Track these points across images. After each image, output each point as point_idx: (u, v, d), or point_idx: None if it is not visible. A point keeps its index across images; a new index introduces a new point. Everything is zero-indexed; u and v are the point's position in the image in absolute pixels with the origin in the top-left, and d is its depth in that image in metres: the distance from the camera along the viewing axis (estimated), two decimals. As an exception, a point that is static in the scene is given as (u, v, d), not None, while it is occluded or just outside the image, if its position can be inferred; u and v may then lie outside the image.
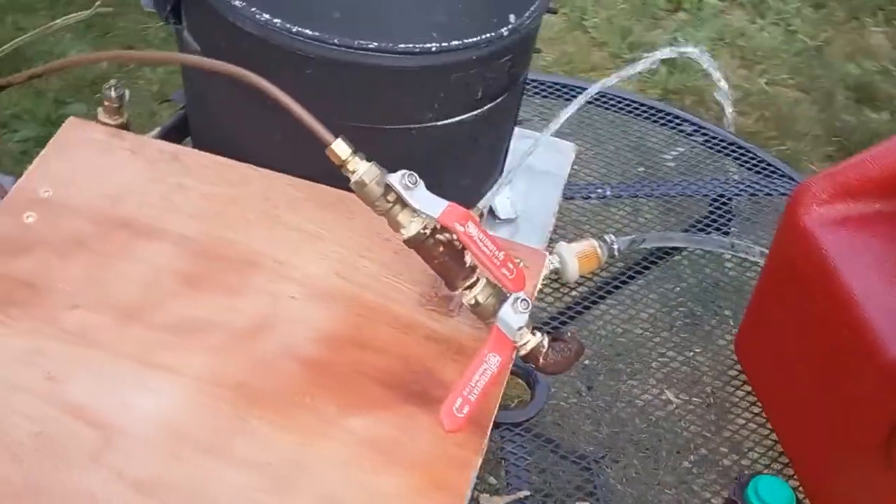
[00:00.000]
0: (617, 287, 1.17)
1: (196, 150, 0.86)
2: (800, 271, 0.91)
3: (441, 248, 0.70)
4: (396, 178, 0.68)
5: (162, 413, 0.67)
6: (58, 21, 0.87)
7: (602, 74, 2.44)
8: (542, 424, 1.06)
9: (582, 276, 1.15)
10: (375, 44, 0.73)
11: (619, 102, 1.38)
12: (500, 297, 0.71)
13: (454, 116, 0.82)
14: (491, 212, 1.15)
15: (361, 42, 0.73)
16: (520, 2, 0.79)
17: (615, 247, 1.14)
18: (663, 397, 1.11)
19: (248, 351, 0.71)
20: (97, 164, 0.83)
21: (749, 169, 1.32)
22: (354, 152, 0.68)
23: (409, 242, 0.70)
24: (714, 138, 1.35)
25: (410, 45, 0.73)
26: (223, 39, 0.79)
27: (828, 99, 2.39)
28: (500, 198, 1.16)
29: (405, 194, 0.68)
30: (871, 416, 0.82)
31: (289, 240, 0.79)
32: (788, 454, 0.98)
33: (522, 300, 0.70)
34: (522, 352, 0.72)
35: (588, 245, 1.13)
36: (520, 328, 0.70)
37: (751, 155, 1.32)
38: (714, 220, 1.25)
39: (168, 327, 0.72)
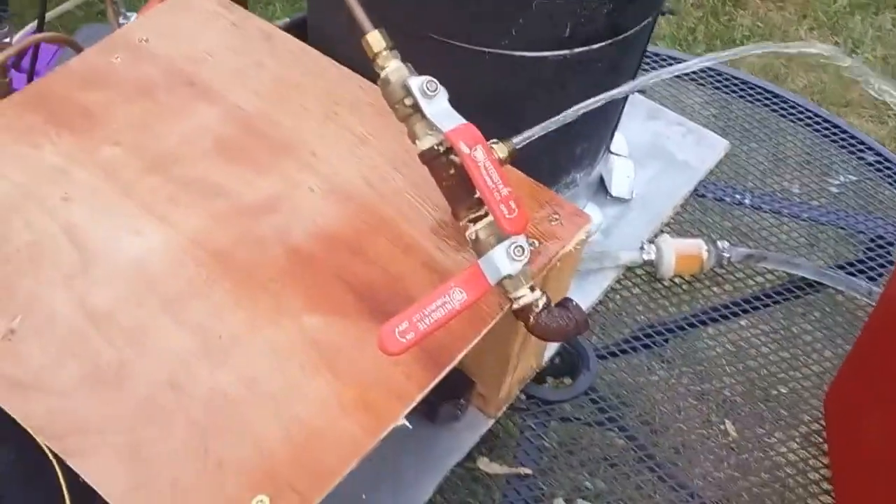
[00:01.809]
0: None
1: (291, 37, 0.86)
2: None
3: (452, 171, 0.66)
4: (417, 82, 0.64)
5: (142, 257, 0.68)
6: None
7: (856, 114, 2.23)
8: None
9: (680, 277, 1.06)
10: (449, -54, 0.69)
11: (801, 112, 1.25)
12: (502, 239, 0.66)
13: (535, 50, 0.76)
14: (603, 186, 1.08)
15: (436, -56, 0.69)
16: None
17: (725, 255, 1.03)
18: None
19: (244, 225, 0.71)
20: (197, 27, 0.85)
21: (930, 219, 1.15)
22: (390, 48, 0.65)
23: (422, 157, 0.67)
24: (898, 174, 1.18)
25: (488, -45, 0.69)
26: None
27: None
28: (618, 174, 1.09)
29: (422, 101, 0.64)
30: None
31: (334, 137, 0.77)
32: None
33: (518, 246, 0.64)
34: (515, 305, 0.67)
35: (694, 245, 1.03)
36: (509, 276, 0.65)
37: (935, 204, 1.15)
38: (864, 262, 1.10)
39: (183, 183, 0.73)
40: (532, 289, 0.67)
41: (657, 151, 1.14)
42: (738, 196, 1.14)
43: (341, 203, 0.73)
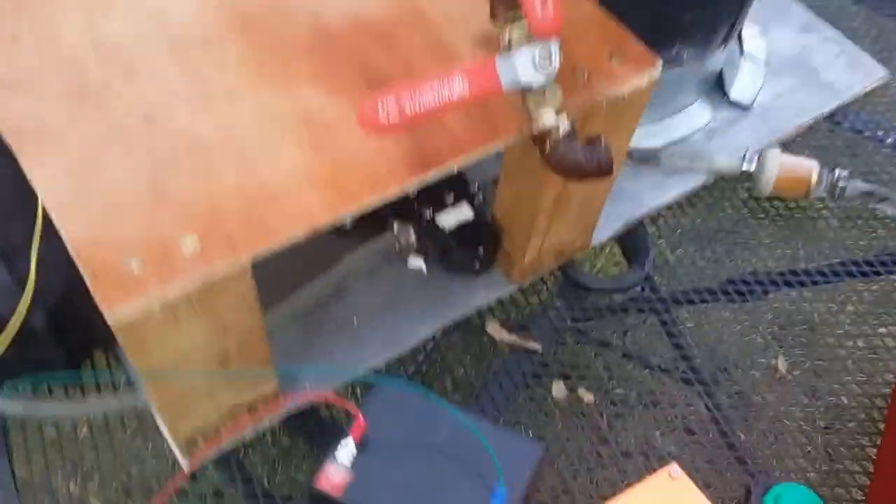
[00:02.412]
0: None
1: None
2: None
3: (496, -40, 0.59)
4: None
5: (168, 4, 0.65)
6: None
7: None
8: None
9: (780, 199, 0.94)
10: None
11: None
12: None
13: None
14: (721, 86, 0.97)
15: None
16: None
17: (840, 185, 0.90)
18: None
19: (279, -4, 0.67)
20: None
21: None
22: None
23: (466, -56, 0.60)
24: None
25: None
26: None
27: None
28: (743, 77, 0.97)
29: None
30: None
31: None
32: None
33: (545, 53, 0.57)
34: (534, 129, 0.60)
35: (805, 165, 0.90)
36: (530, 87, 0.57)
37: None
38: None
39: (233, -57, 0.69)
40: (558, 113, 0.59)
41: (800, 65, 1.01)
42: (880, 133, 0.99)
43: (387, -5, 0.67)
